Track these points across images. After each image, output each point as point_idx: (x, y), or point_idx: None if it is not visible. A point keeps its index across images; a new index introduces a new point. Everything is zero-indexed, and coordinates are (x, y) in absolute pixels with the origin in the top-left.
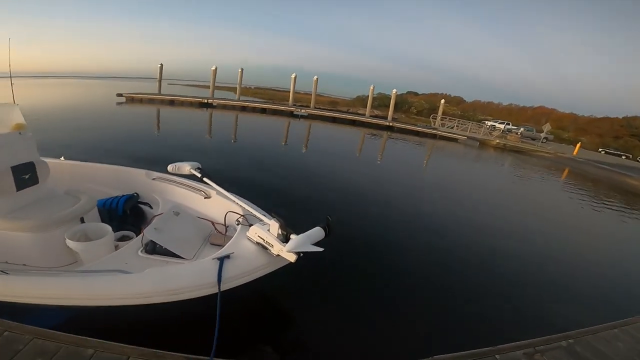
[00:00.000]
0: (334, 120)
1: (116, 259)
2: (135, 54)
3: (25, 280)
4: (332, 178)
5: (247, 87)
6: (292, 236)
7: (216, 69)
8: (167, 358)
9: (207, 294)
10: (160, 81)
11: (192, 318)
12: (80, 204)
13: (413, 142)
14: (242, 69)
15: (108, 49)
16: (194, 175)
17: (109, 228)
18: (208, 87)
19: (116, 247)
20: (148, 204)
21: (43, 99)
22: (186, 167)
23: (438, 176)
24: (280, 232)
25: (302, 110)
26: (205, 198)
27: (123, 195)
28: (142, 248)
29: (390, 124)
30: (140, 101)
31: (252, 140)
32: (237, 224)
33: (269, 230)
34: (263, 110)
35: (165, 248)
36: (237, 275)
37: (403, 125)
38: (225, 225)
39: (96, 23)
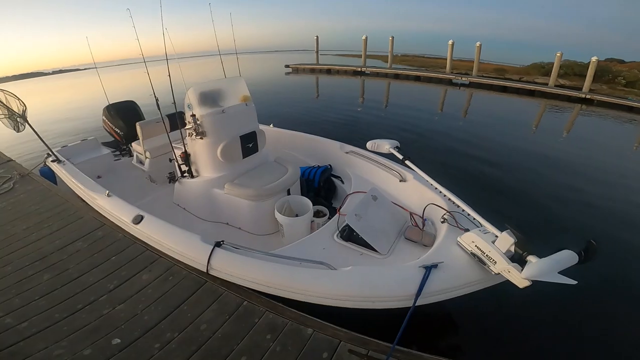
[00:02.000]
0: (504, 89)
1: (315, 242)
2: (290, 28)
3: (235, 258)
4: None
5: (396, 54)
6: (531, 258)
7: (366, 38)
8: (373, 345)
9: (402, 306)
10: (317, 52)
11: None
12: (288, 175)
13: (622, 119)
14: (392, 37)
15: (271, 27)
16: (392, 154)
17: (309, 204)
18: (359, 56)
19: (311, 224)
20: (340, 178)
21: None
22: (385, 146)
23: None
24: (513, 249)
25: (463, 78)
26: (400, 181)
27: (320, 167)
28: (338, 232)
29: (588, 96)
30: (303, 70)
31: (407, 106)
32: (442, 222)
33: (494, 242)
34: (417, 78)
35: (361, 237)
36: (440, 290)
37: (608, 99)
38: (423, 218)
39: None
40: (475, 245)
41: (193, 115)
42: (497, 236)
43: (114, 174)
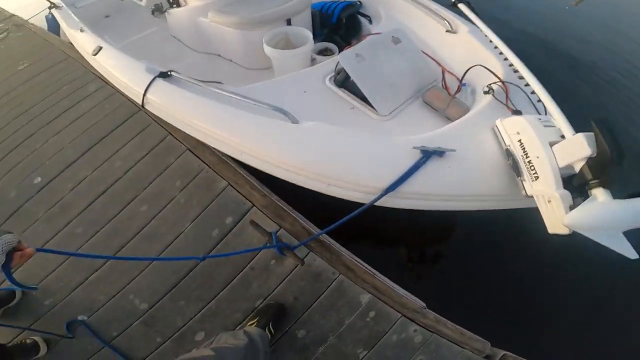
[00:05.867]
0: None
1: (298, 82)
2: None
3: (173, 91)
4: None
5: None
6: (599, 192)
7: None
8: (288, 222)
9: (366, 201)
10: None
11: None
12: (290, 3)
13: None
14: None
15: None
16: None
17: (309, 37)
18: None
19: (312, 61)
20: (369, 17)
21: None
22: None
23: None
24: (580, 169)
25: None
26: (447, 32)
27: (344, 1)
28: (331, 75)
29: None
30: None
31: None
32: (486, 92)
33: (553, 145)
34: None
35: (358, 87)
36: (430, 194)
37: None
38: (460, 80)
39: None
40: (519, 140)
41: None
42: (563, 137)
43: (123, 12)
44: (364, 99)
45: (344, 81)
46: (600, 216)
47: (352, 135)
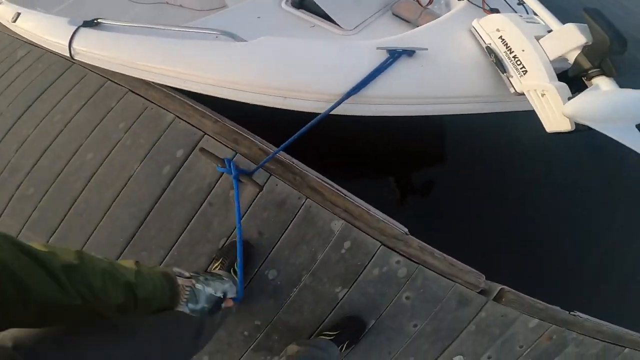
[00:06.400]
0: None
1: (251, 9)
2: None
3: (103, 36)
4: None
5: None
6: (601, 80)
7: None
8: (244, 145)
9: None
10: None
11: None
12: None
13: None
14: None
15: None
16: None
17: None
18: None
19: None
20: None
21: None
22: None
23: None
24: (577, 57)
25: None
26: None
27: None
28: None
29: None
30: None
31: None
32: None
33: (537, 39)
34: None
35: (317, 4)
36: (403, 96)
37: None
38: None
39: None
40: (500, 37)
41: None
42: (550, 31)
43: None
44: (326, 16)
45: (301, 1)
46: (607, 104)
47: (308, 43)
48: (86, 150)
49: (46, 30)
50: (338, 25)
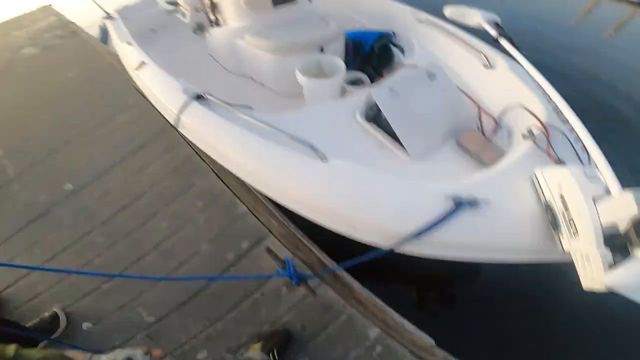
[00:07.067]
0: None
1: (328, 114)
2: None
3: (207, 115)
4: None
5: None
6: None
7: None
8: (303, 254)
9: (393, 248)
10: None
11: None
12: (324, 31)
13: None
14: None
15: None
16: (483, 30)
17: (341, 66)
18: None
19: (343, 91)
20: (402, 48)
21: None
22: (476, 16)
23: None
24: (625, 228)
25: None
26: (484, 66)
27: (377, 31)
28: (362, 109)
29: None
30: None
31: None
32: (525, 137)
33: (597, 200)
34: None
35: (389, 124)
36: (460, 244)
37: None
38: (496, 122)
39: None
40: (561, 194)
41: None
42: (610, 193)
43: (168, 28)
44: (394, 136)
45: (375, 116)
46: None
47: (383, 178)
48: (162, 217)
49: (162, 92)
50: (405, 149)
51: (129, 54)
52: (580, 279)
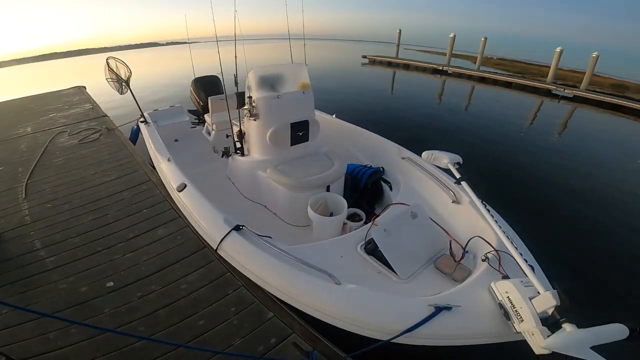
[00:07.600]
0: (616, 108)
1: (336, 247)
2: (373, 21)
3: (245, 246)
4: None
5: (490, 57)
6: (567, 326)
7: (454, 36)
8: (320, 345)
9: (391, 341)
10: (398, 46)
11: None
12: (332, 170)
13: None
14: (485, 38)
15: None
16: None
17: (344, 205)
18: (444, 54)
19: (344, 226)
20: (389, 183)
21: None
22: (444, 159)
23: None
24: (551, 312)
25: (566, 90)
26: (452, 202)
27: (371, 168)
28: (363, 243)
29: None
30: (380, 63)
31: (488, 116)
32: (483, 261)
33: (531, 299)
34: (508, 85)
35: (384, 255)
36: (443, 335)
37: None
38: (464, 249)
39: None
40: (508, 297)
41: (250, 97)
42: (539, 293)
43: (189, 139)
44: (387, 264)
45: (373, 250)
46: (570, 339)
47: (383, 295)
48: (199, 318)
49: (204, 218)
50: (396, 274)
51: (170, 172)
52: (532, 348)
